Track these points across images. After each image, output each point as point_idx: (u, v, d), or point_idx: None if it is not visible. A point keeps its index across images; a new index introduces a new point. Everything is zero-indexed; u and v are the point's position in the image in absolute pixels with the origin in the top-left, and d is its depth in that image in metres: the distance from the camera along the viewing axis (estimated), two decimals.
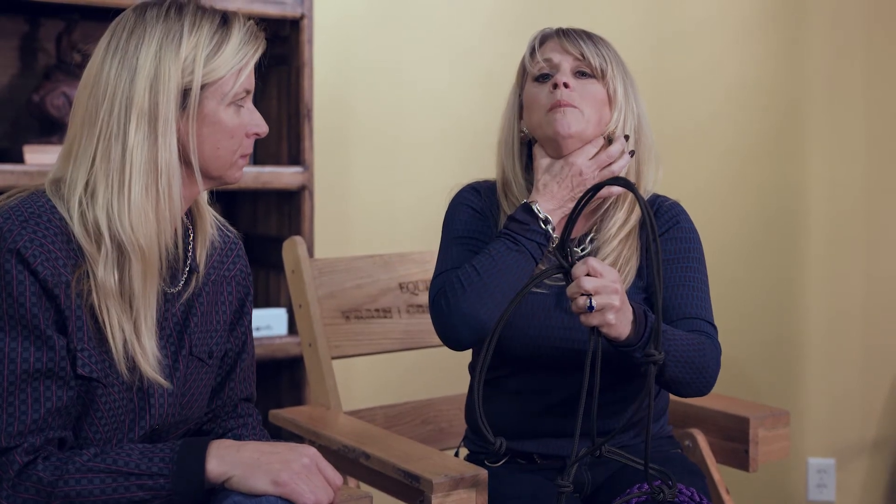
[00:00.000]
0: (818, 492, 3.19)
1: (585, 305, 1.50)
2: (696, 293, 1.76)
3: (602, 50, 1.77)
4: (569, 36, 1.78)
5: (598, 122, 1.76)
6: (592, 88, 1.76)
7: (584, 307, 1.50)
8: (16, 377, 1.33)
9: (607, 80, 1.76)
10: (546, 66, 1.77)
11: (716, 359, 1.71)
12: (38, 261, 1.33)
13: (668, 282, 1.76)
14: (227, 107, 1.42)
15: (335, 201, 2.89)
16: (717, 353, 1.72)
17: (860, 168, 3.14)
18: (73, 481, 1.32)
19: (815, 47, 3.14)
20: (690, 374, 1.66)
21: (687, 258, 1.78)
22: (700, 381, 1.68)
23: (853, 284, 3.16)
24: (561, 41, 1.77)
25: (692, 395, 1.71)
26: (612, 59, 1.78)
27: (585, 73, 1.76)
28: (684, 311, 1.74)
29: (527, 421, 1.79)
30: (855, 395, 3.18)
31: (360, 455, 1.75)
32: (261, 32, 1.46)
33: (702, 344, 1.68)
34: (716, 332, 1.76)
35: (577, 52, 1.76)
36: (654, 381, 1.47)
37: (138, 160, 1.37)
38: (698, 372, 1.67)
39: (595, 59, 1.75)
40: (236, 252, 1.59)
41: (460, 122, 3.00)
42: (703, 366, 1.67)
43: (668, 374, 1.64)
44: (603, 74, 1.76)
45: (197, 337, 1.51)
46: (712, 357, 1.70)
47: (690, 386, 1.68)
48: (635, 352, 1.57)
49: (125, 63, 1.38)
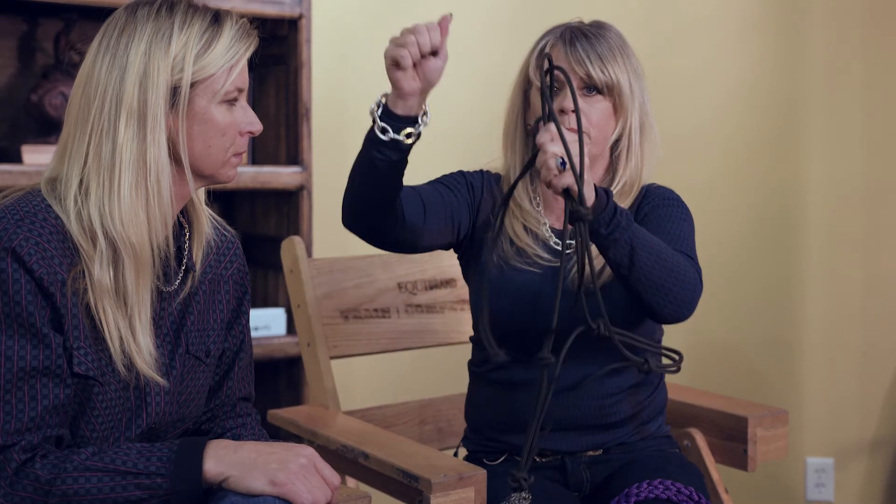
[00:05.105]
0: (817, 491, 3.19)
1: (557, 165, 1.49)
2: (681, 241, 1.74)
3: (608, 64, 1.76)
4: (575, 48, 1.77)
5: (604, 140, 1.79)
6: (599, 106, 1.77)
7: (557, 167, 1.49)
8: (13, 375, 1.33)
9: (614, 95, 1.77)
10: None
11: (694, 278, 1.66)
12: (34, 259, 1.33)
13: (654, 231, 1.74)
14: (218, 104, 1.42)
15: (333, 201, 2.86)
16: (696, 275, 1.67)
17: (859, 167, 3.14)
18: (71, 480, 1.32)
19: (813, 46, 3.14)
20: (663, 275, 1.60)
21: (673, 219, 1.78)
22: (676, 292, 1.62)
23: (852, 284, 3.16)
24: (568, 56, 1.77)
25: (670, 310, 1.64)
26: (619, 69, 1.77)
27: (592, 89, 1.77)
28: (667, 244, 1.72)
29: (524, 415, 1.78)
30: (854, 395, 3.18)
31: (358, 455, 1.75)
32: (253, 30, 1.46)
33: (679, 256, 1.65)
34: (699, 268, 1.72)
35: (583, 72, 1.76)
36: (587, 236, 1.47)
37: (127, 157, 1.37)
38: (672, 275, 1.61)
39: (601, 77, 1.76)
40: (233, 251, 1.59)
41: (459, 122, 2.99)
42: (679, 274, 1.62)
43: (638, 262, 1.58)
44: (609, 91, 1.77)
45: (194, 335, 1.51)
46: (690, 272, 1.65)
47: (665, 294, 1.62)
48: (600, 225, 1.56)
49: (116, 61, 1.38)
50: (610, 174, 1.84)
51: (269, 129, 2.61)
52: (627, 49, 1.80)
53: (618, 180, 1.82)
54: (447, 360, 2.42)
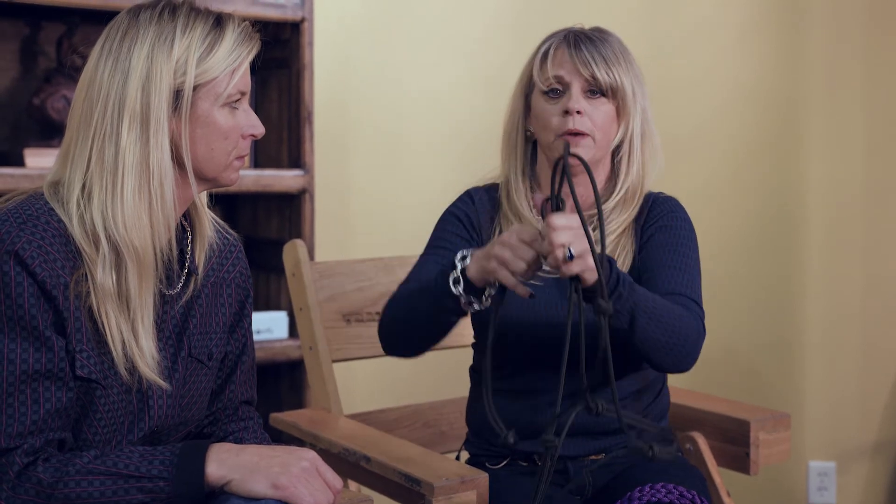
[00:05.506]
0: (819, 495, 3.19)
1: (565, 256, 1.49)
2: (684, 275, 1.75)
3: (613, 67, 1.77)
4: (580, 50, 1.77)
5: (607, 144, 1.80)
6: (603, 109, 1.77)
7: (565, 257, 1.49)
8: (15, 378, 1.33)
9: (618, 98, 1.78)
10: (556, 83, 1.77)
11: (695, 330, 1.67)
12: (37, 262, 1.33)
13: (658, 264, 1.76)
14: (221, 107, 1.42)
15: (336, 204, 2.89)
16: (697, 325, 1.68)
17: (859, 169, 3.14)
18: (73, 483, 1.32)
19: (813, 48, 3.14)
20: (665, 336, 1.62)
21: (677, 243, 1.78)
22: (677, 349, 1.64)
23: (853, 286, 3.16)
24: (572, 57, 1.77)
25: (670, 364, 1.66)
26: (622, 71, 1.78)
27: (596, 91, 1.77)
28: (670, 288, 1.73)
29: (528, 421, 1.78)
30: (855, 398, 3.18)
31: (360, 458, 1.75)
32: (255, 33, 1.46)
33: (680, 311, 1.66)
34: (702, 312, 1.73)
35: (588, 73, 1.76)
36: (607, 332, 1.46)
37: (130, 161, 1.37)
38: (673, 335, 1.63)
39: (606, 78, 1.76)
40: (235, 254, 1.59)
41: (461, 125, 3.00)
42: (679, 331, 1.64)
43: (638, 328, 1.60)
44: (614, 93, 1.77)
45: (196, 339, 1.51)
46: (691, 326, 1.66)
47: (666, 352, 1.64)
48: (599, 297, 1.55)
49: (118, 65, 1.38)
50: (612, 181, 1.83)
51: (272, 132, 2.61)
52: (629, 55, 1.81)
53: (620, 187, 1.82)
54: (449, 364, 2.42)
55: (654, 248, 1.78)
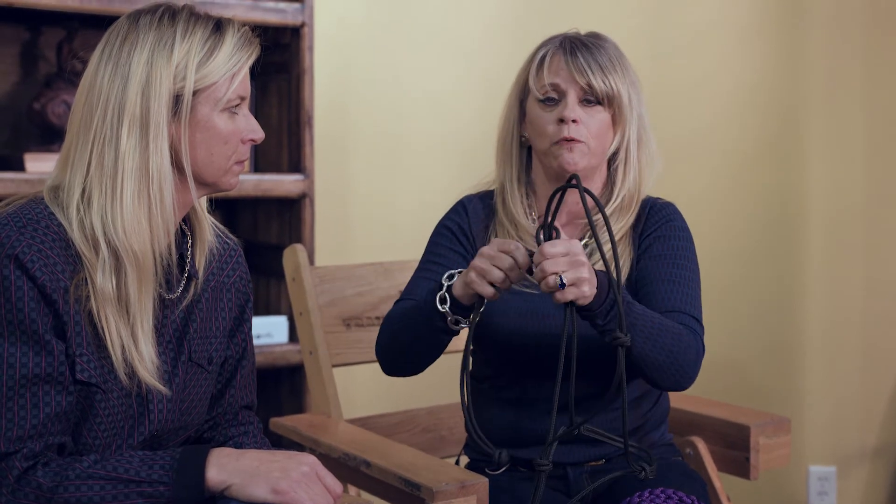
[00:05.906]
0: (819, 500, 3.19)
1: (556, 284, 1.50)
2: (683, 290, 1.75)
3: (609, 75, 1.76)
4: (576, 58, 1.76)
5: (602, 152, 1.79)
6: (599, 117, 1.77)
7: (556, 285, 1.50)
8: (15, 382, 1.33)
9: (614, 106, 1.77)
10: (551, 91, 1.77)
11: (694, 349, 1.68)
12: (37, 266, 1.33)
13: (657, 277, 1.76)
14: (220, 112, 1.42)
15: (336, 209, 2.89)
16: (696, 344, 1.69)
17: (860, 172, 3.14)
18: (73, 488, 1.32)
19: (814, 52, 3.14)
20: (662, 356, 1.62)
21: (676, 255, 1.78)
22: (675, 369, 1.65)
23: (853, 289, 3.16)
24: (568, 65, 1.76)
25: (668, 384, 1.67)
26: (619, 79, 1.77)
27: (591, 100, 1.77)
28: (669, 304, 1.73)
29: (526, 428, 1.78)
30: (856, 403, 3.17)
31: (360, 463, 1.75)
32: (255, 38, 1.46)
33: (678, 330, 1.66)
34: (701, 329, 1.74)
35: (584, 82, 1.75)
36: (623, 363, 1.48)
37: (130, 166, 1.37)
38: (671, 355, 1.63)
39: (602, 87, 1.75)
40: (236, 259, 1.59)
41: (461, 129, 3.00)
42: (677, 350, 1.64)
43: (636, 350, 1.60)
44: (610, 102, 1.77)
45: (196, 343, 1.51)
46: (689, 345, 1.66)
47: (664, 371, 1.64)
48: (597, 317, 1.56)
49: (118, 69, 1.39)
50: (608, 187, 1.83)
51: (272, 136, 2.61)
52: (625, 61, 1.80)
53: (616, 194, 1.81)
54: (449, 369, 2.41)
55: (652, 260, 1.78)
